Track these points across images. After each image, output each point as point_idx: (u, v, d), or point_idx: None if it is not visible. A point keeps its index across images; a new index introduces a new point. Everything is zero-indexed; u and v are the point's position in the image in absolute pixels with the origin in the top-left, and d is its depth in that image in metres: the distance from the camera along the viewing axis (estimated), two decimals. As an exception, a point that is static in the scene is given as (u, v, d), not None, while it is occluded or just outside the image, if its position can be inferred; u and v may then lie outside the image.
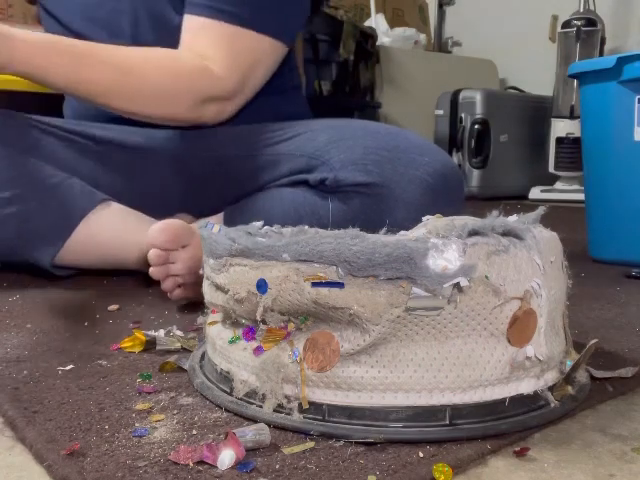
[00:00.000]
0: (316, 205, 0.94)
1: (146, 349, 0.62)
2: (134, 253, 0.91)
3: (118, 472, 0.39)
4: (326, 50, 2.47)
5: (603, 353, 0.61)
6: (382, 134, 0.99)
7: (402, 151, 0.94)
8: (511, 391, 0.45)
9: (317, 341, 0.44)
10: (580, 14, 2.44)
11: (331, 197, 0.93)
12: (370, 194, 0.92)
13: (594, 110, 1.13)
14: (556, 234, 0.51)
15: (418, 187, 0.92)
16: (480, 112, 2.50)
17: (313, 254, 0.43)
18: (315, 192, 0.95)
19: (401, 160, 0.93)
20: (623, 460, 0.42)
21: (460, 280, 0.41)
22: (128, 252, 0.92)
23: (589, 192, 1.17)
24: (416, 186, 0.92)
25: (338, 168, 0.93)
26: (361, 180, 0.92)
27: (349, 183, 0.92)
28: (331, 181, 0.93)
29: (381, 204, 0.91)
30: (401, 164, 0.93)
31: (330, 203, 0.93)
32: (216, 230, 0.53)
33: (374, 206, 0.92)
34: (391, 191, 0.91)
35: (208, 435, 0.44)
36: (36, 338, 0.67)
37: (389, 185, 0.91)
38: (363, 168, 0.92)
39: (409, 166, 0.93)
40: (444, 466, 0.39)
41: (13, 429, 0.46)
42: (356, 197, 0.92)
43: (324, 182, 0.93)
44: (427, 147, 0.98)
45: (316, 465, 0.40)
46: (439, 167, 0.94)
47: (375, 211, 0.91)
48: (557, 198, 2.42)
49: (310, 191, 0.95)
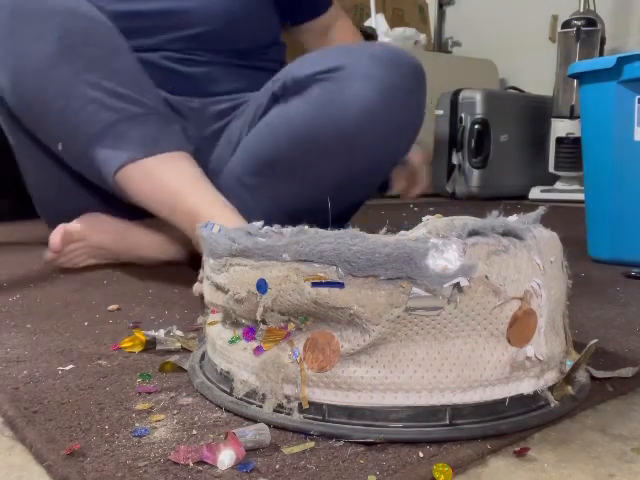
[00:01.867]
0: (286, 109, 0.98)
1: (146, 349, 0.63)
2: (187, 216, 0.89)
3: (118, 472, 0.39)
4: (326, 50, 2.47)
5: (603, 353, 0.61)
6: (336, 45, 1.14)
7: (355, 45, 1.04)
8: (511, 391, 0.45)
9: (317, 341, 0.44)
10: (580, 14, 2.44)
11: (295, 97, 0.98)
12: (328, 78, 0.95)
13: (594, 110, 1.13)
14: (556, 234, 0.51)
15: (375, 62, 0.95)
16: (480, 112, 2.50)
17: (313, 254, 0.43)
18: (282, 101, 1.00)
19: (356, 50, 0.99)
20: (623, 460, 0.42)
21: (460, 280, 0.41)
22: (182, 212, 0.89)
23: (589, 192, 1.17)
24: (373, 62, 0.95)
25: (295, 71, 0.99)
26: (317, 69, 0.96)
27: (306, 76, 0.97)
28: (290, 81, 0.98)
29: (340, 83, 0.94)
30: (356, 51, 0.98)
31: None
32: (216, 230, 0.53)
33: (333, 86, 0.95)
34: (348, 70, 0.95)
35: (208, 435, 0.44)
36: (36, 338, 0.67)
37: (345, 66, 0.95)
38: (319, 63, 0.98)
39: (365, 50, 0.98)
40: (444, 466, 0.39)
41: (13, 429, 0.46)
42: (315, 85, 0.96)
43: (285, 85, 0.99)
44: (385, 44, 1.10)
45: (316, 465, 0.40)
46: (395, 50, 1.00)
47: (335, 90, 0.94)
48: (557, 198, 2.42)
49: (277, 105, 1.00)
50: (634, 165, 1.08)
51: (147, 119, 0.92)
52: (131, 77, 0.94)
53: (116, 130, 0.90)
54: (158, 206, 0.92)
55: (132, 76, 0.94)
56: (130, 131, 0.90)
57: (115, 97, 0.90)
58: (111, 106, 0.90)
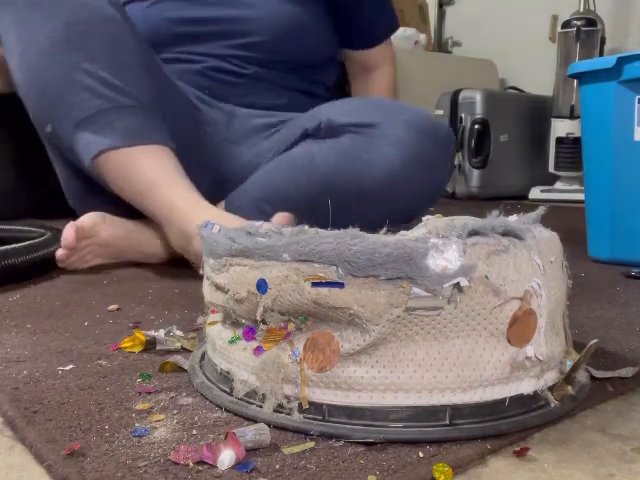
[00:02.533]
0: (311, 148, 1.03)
1: (146, 349, 0.62)
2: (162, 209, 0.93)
3: (118, 472, 0.39)
4: (326, 50, 2.47)
5: (603, 353, 0.61)
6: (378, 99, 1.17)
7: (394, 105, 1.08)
8: (511, 391, 0.45)
9: (317, 341, 0.44)
10: (580, 14, 2.43)
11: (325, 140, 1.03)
12: (361, 133, 1.01)
13: (594, 110, 1.13)
14: (556, 234, 0.51)
15: (407, 127, 1.00)
16: (480, 112, 2.50)
17: (313, 254, 0.43)
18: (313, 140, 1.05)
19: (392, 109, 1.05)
20: (623, 460, 0.42)
21: (460, 280, 0.41)
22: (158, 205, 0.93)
23: (589, 192, 1.17)
24: (405, 126, 1.01)
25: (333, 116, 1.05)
26: (352, 121, 1.03)
27: (341, 123, 1.03)
28: (325, 123, 1.04)
29: (370, 140, 1.00)
30: (392, 111, 1.04)
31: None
32: (216, 230, 0.53)
33: (364, 142, 1.00)
34: (381, 130, 1.01)
35: (208, 435, 0.44)
36: (36, 338, 0.67)
37: (379, 125, 1.01)
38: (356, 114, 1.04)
39: (399, 113, 1.03)
40: (444, 466, 0.39)
41: (13, 429, 0.46)
42: (347, 135, 1.02)
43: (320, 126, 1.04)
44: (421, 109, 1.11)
45: (316, 465, 0.40)
46: (429, 116, 1.06)
47: (365, 147, 1.00)
48: (557, 198, 2.42)
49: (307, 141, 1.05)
50: (634, 165, 1.08)
51: (135, 112, 0.95)
52: (129, 71, 0.96)
53: (104, 118, 0.93)
54: (134, 195, 0.95)
55: (130, 70, 0.96)
56: (116, 121, 0.93)
57: (108, 87, 0.93)
58: (103, 94, 0.93)
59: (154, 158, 0.94)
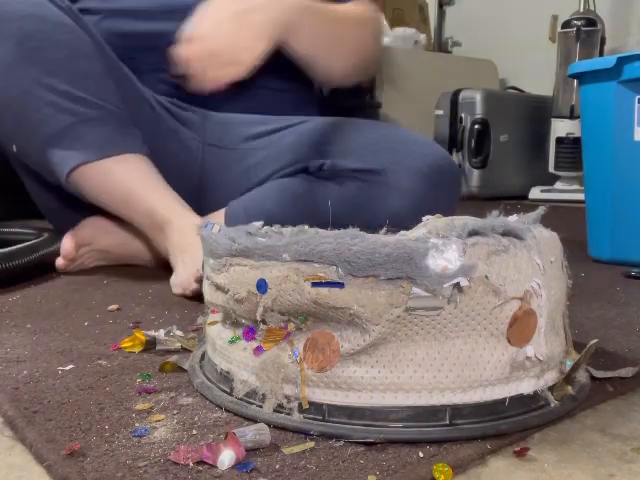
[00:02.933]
0: (313, 189, 0.98)
1: (146, 349, 0.62)
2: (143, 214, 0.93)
3: (118, 472, 0.39)
4: (326, 50, 2.47)
5: (603, 353, 0.61)
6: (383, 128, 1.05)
7: (400, 142, 0.99)
8: (511, 391, 0.45)
9: (317, 341, 0.44)
10: (580, 14, 2.43)
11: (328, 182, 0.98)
12: (366, 180, 0.95)
13: (594, 110, 1.13)
14: (556, 234, 0.51)
15: (413, 175, 0.94)
16: (480, 112, 2.50)
17: (313, 254, 0.43)
18: (313, 179, 0.99)
19: (398, 151, 0.97)
20: (623, 460, 0.42)
21: (460, 280, 0.41)
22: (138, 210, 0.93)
23: (589, 192, 1.17)
24: (411, 174, 0.94)
25: (337, 157, 0.97)
26: (357, 166, 0.96)
27: (345, 168, 0.96)
28: (328, 166, 0.97)
29: (376, 190, 0.95)
30: (398, 154, 0.96)
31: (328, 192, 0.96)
32: (216, 230, 0.53)
33: (369, 192, 0.95)
34: (386, 178, 0.95)
35: (208, 435, 0.44)
36: (36, 338, 0.67)
37: (385, 172, 0.95)
38: (360, 157, 0.96)
39: (406, 156, 0.96)
40: (444, 466, 0.39)
41: (13, 429, 0.46)
42: (352, 182, 0.96)
43: (322, 167, 0.97)
44: (426, 141, 1.03)
45: (316, 465, 0.40)
46: (436, 159, 0.97)
47: (370, 197, 0.95)
48: (557, 198, 2.42)
49: (308, 178, 0.99)
50: (634, 165, 1.08)
51: (103, 122, 0.93)
52: (90, 80, 0.94)
53: (72, 132, 0.92)
54: (114, 205, 0.95)
55: (92, 79, 0.94)
56: (86, 134, 0.92)
57: (72, 100, 0.91)
58: (67, 109, 0.91)
59: (129, 167, 0.93)
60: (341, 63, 1.04)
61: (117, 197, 0.94)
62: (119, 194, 0.93)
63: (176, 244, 0.91)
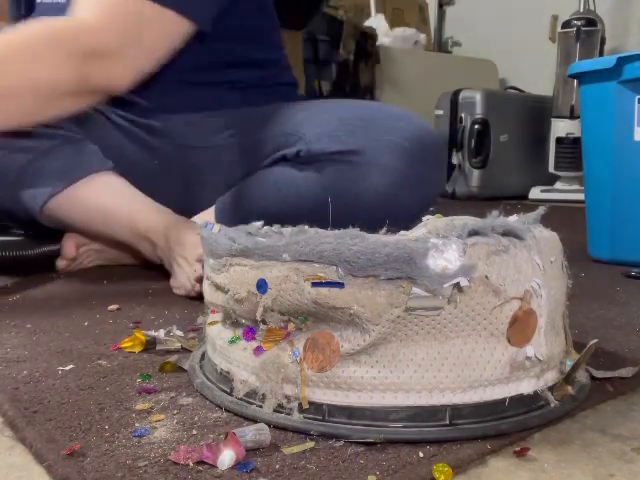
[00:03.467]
0: (294, 178, 0.96)
1: (146, 349, 0.62)
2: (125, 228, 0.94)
3: (118, 472, 0.39)
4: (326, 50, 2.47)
5: (603, 353, 0.61)
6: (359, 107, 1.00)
7: (378, 119, 0.95)
8: (511, 391, 0.45)
9: (317, 341, 0.44)
10: (580, 14, 2.44)
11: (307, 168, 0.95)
12: (344, 161, 0.92)
13: (594, 110, 1.13)
14: (556, 234, 0.51)
15: (393, 151, 0.91)
16: (480, 112, 2.50)
17: (313, 254, 0.43)
18: (292, 165, 0.97)
19: (376, 127, 0.93)
20: (623, 460, 0.42)
21: (460, 280, 0.41)
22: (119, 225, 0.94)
23: (589, 192, 1.17)
24: (391, 150, 0.91)
25: (313, 141, 0.94)
26: (334, 149, 0.93)
27: (322, 152, 0.93)
28: (305, 152, 0.94)
29: (356, 170, 0.92)
30: (375, 131, 0.93)
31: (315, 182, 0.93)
32: (216, 230, 0.53)
33: (350, 173, 0.92)
34: (365, 157, 0.91)
35: (208, 435, 0.44)
36: (36, 338, 0.67)
37: (363, 151, 0.91)
38: (337, 139, 0.93)
39: (384, 132, 0.93)
40: (444, 466, 0.39)
41: (13, 429, 0.46)
42: (332, 166, 0.93)
43: (299, 154, 0.95)
44: (405, 115, 0.97)
45: (316, 465, 0.40)
46: (415, 131, 0.93)
47: (352, 178, 0.92)
48: (557, 198, 2.42)
49: (288, 165, 0.97)
50: (634, 165, 1.08)
51: (59, 150, 0.93)
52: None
53: (32, 169, 0.92)
54: (94, 228, 0.96)
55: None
56: (45, 167, 0.92)
57: (21, 137, 0.91)
58: (20, 148, 0.91)
59: (97, 187, 0.93)
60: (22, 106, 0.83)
61: (94, 219, 0.94)
62: (95, 216, 0.94)
63: (166, 249, 0.91)
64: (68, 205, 0.93)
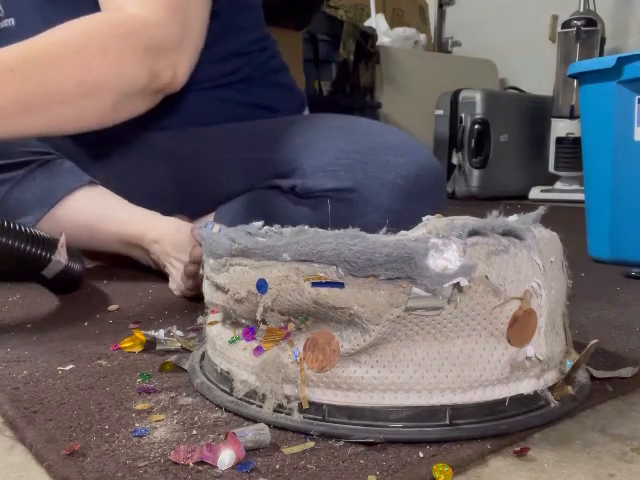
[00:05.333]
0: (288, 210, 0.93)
1: (146, 349, 0.62)
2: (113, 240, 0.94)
3: (118, 472, 0.39)
4: (326, 50, 2.47)
5: (603, 353, 0.61)
6: (358, 134, 0.96)
7: (375, 153, 0.91)
8: (511, 391, 0.45)
9: (317, 341, 0.44)
10: (580, 14, 2.44)
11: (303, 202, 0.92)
12: (340, 199, 0.89)
13: (594, 110, 1.13)
14: (556, 234, 0.51)
15: (390, 191, 0.88)
16: (480, 112, 2.50)
17: (313, 254, 0.43)
18: (288, 197, 0.94)
19: (373, 163, 0.90)
20: (623, 460, 0.42)
21: (460, 280, 0.41)
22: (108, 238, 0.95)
23: (589, 192, 1.17)
24: (388, 190, 0.88)
25: (309, 174, 0.91)
26: (330, 186, 0.90)
27: (318, 189, 0.90)
28: (300, 188, 0.92)
29: (352, 209, 0.89)
30: (373, 167, 0.90)
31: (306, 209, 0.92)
32: (216, 230, 0.53)
33: (345, 211, 0.89)
34: (362, 195, 0.88)
35: (208, 435, 0.44)
36: (36, 338, 0.67)
37: (359, 190, 0.88)
38: (333, 174, 0.90)
39: (381, 169, 0.89)
40: (444, 466, 0.39)
41: (13, 429, 0.46)
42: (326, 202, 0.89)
43: (294, 189, 0.92)
44: (404, 147, 0.93)
45: (316, 465, 0.40)
46: (414, 169, 0.90)
47: (346, 216, 0.88)
48: (557, 198, 2.42)
49: (283, 196, 0.94)
50: (634, 165, 1.08)
51: (33, 176, 0.93)
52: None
53: (12, 201, 0.92)
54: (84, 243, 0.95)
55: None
56: (22, 196, 0.92)
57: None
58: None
59: (78, 205, 0.94)
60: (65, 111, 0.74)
61: (82, 236, 0.94)
62: (81, 233, 0.94)
63: (159, 253, 0.91)
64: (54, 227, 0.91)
